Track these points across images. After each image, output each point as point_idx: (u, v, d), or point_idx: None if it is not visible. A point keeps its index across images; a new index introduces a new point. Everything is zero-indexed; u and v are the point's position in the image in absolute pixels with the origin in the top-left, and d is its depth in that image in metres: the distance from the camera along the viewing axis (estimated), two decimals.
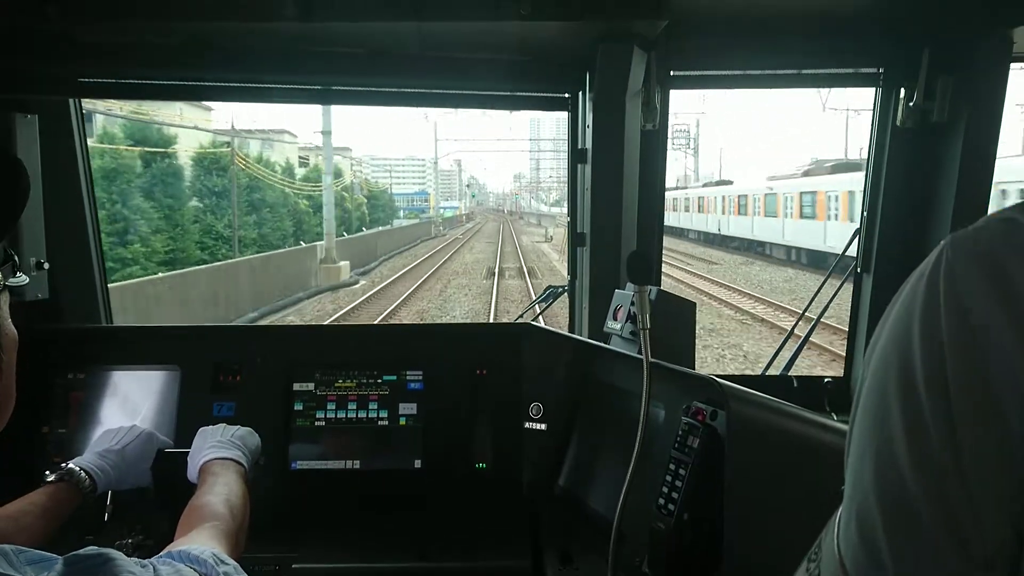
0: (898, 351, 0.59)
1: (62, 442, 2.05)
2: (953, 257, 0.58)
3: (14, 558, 0.75)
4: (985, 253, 0.57)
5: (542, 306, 2.82)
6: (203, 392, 2.12)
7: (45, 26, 1.95)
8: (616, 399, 1.89)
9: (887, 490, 0.57)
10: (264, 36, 2.14)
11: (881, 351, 0.62)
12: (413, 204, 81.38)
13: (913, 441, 0.56)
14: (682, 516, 1.44)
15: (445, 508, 2.04)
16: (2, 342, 0.86)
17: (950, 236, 0.60)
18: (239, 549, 1.24)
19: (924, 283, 0.59)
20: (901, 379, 0.58)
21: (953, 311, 0.56)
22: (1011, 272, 0.54)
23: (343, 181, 42.17)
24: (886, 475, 0.57)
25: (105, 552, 0.81)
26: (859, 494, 0.60)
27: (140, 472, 1.66)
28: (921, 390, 0.56)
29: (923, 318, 0.58)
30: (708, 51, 2.19)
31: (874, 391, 0.61)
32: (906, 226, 2.29)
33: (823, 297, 2.56)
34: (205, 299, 16.75)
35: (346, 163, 59.65)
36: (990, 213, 0.61)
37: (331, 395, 2.14)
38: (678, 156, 57.68)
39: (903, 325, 0.60)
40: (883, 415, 0.59)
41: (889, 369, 0.60)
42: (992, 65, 2.04)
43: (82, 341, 2.20)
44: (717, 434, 1.45)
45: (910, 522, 0.55)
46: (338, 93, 2.41)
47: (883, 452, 0.58)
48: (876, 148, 2.34)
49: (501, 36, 2.11)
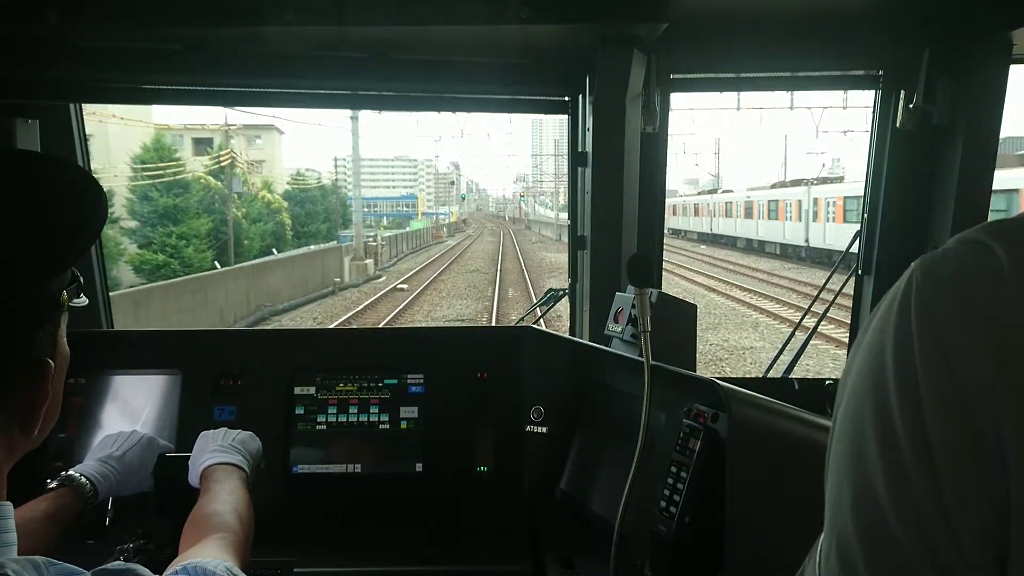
0: (872, 378, 0.58)
1: (63, 447, 2.04)
2: (923, 282, 0.58)
3: (45, 570, 0.75)
4: (954, 277, 0.56)
5: (543, 309, 2.82)
6: (204, 396, 2.12)
7: (45, 31, 1.95)
8: (617, 402, 1.89)
9: (866, 522, 0.56)
10: (263, 40, 2.14)
11: (855, 378, 0.61)
12: (397, 209, 75.37)
13: (890, 470, 0.55)
14: (683, 519, 1.44)
15: (446, 512, 2.04)
16: (56, 361, 0.89)
17: (919, 260, 0.60)
18: (247, 561, 1.23)
19: (896, 309, 0.58)
20: (875, 407, 0.57)
21: (925, 338, 0.55)
22: (981, 296, 0.54)
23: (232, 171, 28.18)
24: (864, 505, 0.56)
25: (133, 568, 0.83)
26: (838, 524, 0.59)
27: (141, 477, 1.66)
28: (896, 418, 0.55)
29: (895, 345, 0.57)
30: (708, 54, 2.19)
31: (850, 418, 0.60)
32: (906, 228, 2.29)
33: (824, 295, 2.55)
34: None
35: (272, 144, 46.83)
36: (956, 235, 0.60)
37: (332, 399, 2.14)
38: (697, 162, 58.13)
39: (876, 352, 0.59)
40: (859, 443, 0.58)
41: (864, 397, 0.59)
42: (992, 67, 2.04)
43: (83, 345, 2.19)
44: (718, 436, 1.45)
45: (890, 553, 0.54)
46: (338, 97, 2.41)
47: (860, 482, 0.57)
48: (876, 150, 2.34)
49: (501, 39, 2.12)
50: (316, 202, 41.88)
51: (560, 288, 2.71)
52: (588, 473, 1.94)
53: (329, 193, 45.64)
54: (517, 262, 30.29)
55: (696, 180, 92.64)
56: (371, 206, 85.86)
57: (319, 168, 68.89)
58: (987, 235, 0.57)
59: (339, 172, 57.07)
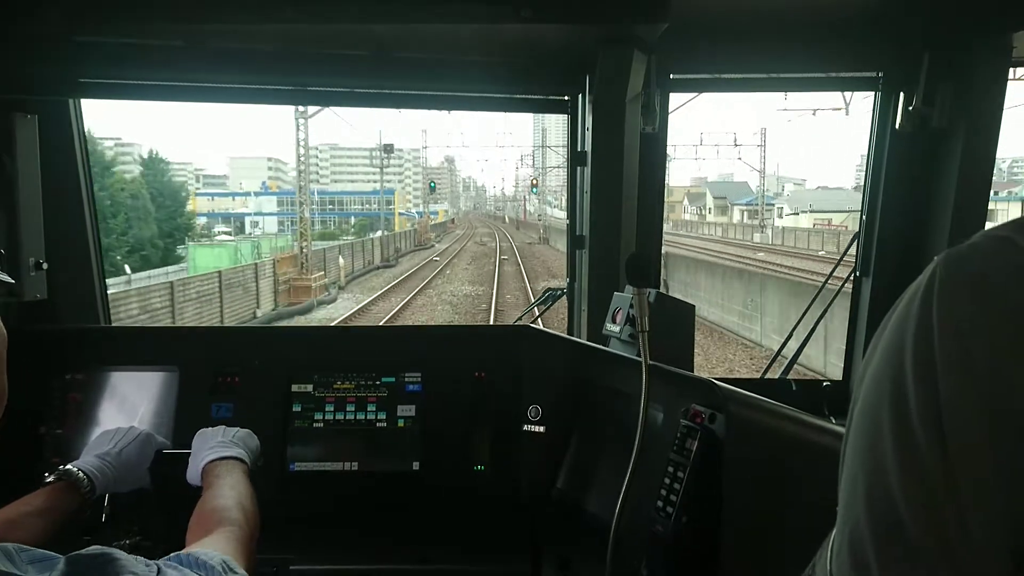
0: (891, 373, 0.58)
1: (60, 443, 2.04)
2: (946, 277, 0.57)
3: (16, 556, 0.75)
4: (979, 273, 0.56)
5: (541, 309, 2.83)
6: (201, 393, 2.12)
7: (45, 27, 1.95)
8: (615, 402, 1.89)
9: (879, 516, 0.56)
10: (264, 37, 2.14)
11: (874, 372, 0.60)
12: (366, 208, 64.13)
13: (906, 466, 0.55)
14: (680, 519, 1.44)
15: (443, 510, 2.04)
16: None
17: (943, 254, 0.59)
18: (253, 558, 1.23)
19: (917, 304, 0.58)
20: (893, 402, 0.57)
21: (947, 333, 0.55)
22: (1007, 293, 0.53)
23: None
24: (878, 501, 0.56)
25: (108, 552, 0.81)
26: (851, 519, 0.58)
27: (138, 474, 1.65)
28: (914, 413, 0.55)
29: (916, 340, 0.56)
30: (708, 55, 2.19)
31: (866, 414, 0.60)
32: (905, 231, 2.30)
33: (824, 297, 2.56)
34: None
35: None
36: (985, 229, 0.60)
37: (330, 397, 2.14)
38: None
39: (896, 346, 0.58)
40: (875, 438, 0.57)
41: (882, 391, 0.58)
42: (992, 70, 2.05)
43: (80, 342, 2.20)
44: (715, 437, 1.45)
45: (904, 551, 0.54)
46: (338, 95, 2.41)
47: (875, 477, 0.57)
48: (875, 153, 2.34)
49: (502, 39, 2.12)
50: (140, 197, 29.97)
51: (558, 288, 2.71)
52: (585, 472, 1.94)
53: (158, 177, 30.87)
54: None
55: (705, 179, 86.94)
56: (334, 203, 77.21)
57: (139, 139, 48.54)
58: (1014, 231, 0.57)
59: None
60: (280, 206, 68.21)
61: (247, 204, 70.68)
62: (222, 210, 70.82)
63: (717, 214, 73.28)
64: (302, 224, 24.77)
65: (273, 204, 68.68)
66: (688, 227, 65.88)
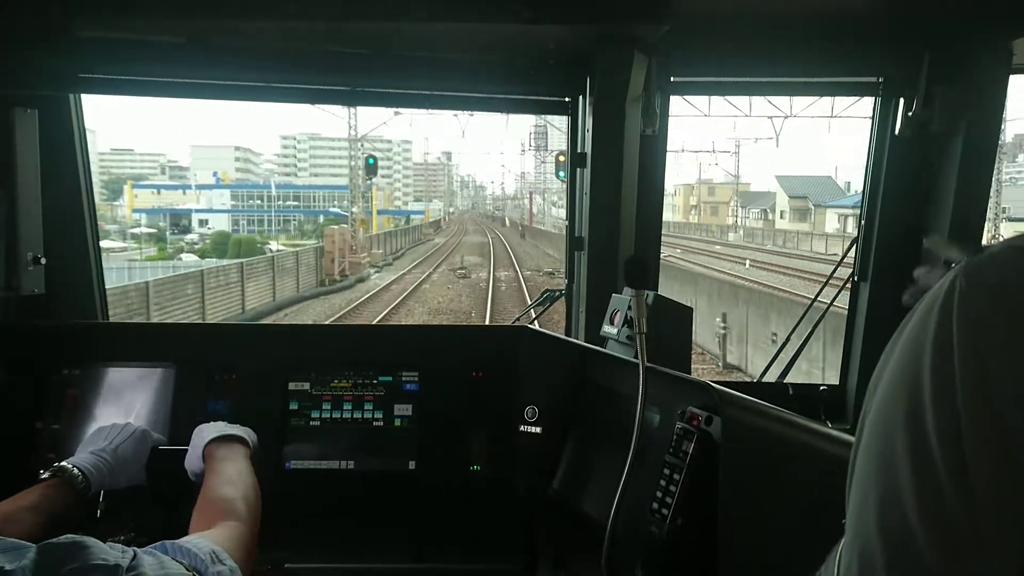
0: (906, 388, 0.56)
1: (56, 438, 2.04)
2: (967, 288, 0.55)
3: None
4: (1001, 284, 0.54)
5: (539, 310, 2.82)
6: (198, 390, 2.11)
7: (46, 21, 1.95)
8: (611, 403, 1.89)
9: (892, 537, 0.54)
10: (265, 34, 2.14)
11: (887, 386, 0.58)
12: (328, 206, 56.79)
13: (921, 487, 0.53)
14: (676, 521, 1.44)
15: (439, 509, 2.04)
16: None
17: (963, 264, 0.57)
18: (254, 552, 1.22)
19: (936, 316, 0.55)
20: (909, 418, 0.55)
21: (966, 345, 0.53)
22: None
23: None
24: (891, 521, 0.54)
25: (80, 540, 0.82)
26: (862, 537, 0.57)
27: (134, 470, 1.65)
28: (931, 430, 0.53)
29: (933, 352, 0.54)
30: (709, 57, 2.19)
31: (879, 432, 0.58)
32: (903, 236, 2.30)
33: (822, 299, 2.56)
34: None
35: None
36: (1006, 238, 0.58)
37: (327, 395, 2.13)
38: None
39: (911, 359, 0.56)
40: (889, 457, 0.55)
41: (896, 408, 0.56)
42: (992, 76, 2.05)
43: (78, 337, 2.19)
44: (712, 439, 1.45)
45: (913, 562, 0.52)
46: (338, 93, 2.41)
47: (888, 497, 0.55)
48: (874, 157, 2.34)
49: (502, 39, 2.12)
50: None
51: (557, 289, 2.71)
52: (581, 473, 1.94)
53: None
54: None
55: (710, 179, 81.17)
56: (297, 197, 68.08)
57: None
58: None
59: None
60: (235, 200, 63.44)
61: (199, 199, 65.81)
62: (167, 205, 64.04)
63: (794, 219, 56.30)
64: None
65: (227, 198, 64.01)
66: (753, 237, 49.36)
